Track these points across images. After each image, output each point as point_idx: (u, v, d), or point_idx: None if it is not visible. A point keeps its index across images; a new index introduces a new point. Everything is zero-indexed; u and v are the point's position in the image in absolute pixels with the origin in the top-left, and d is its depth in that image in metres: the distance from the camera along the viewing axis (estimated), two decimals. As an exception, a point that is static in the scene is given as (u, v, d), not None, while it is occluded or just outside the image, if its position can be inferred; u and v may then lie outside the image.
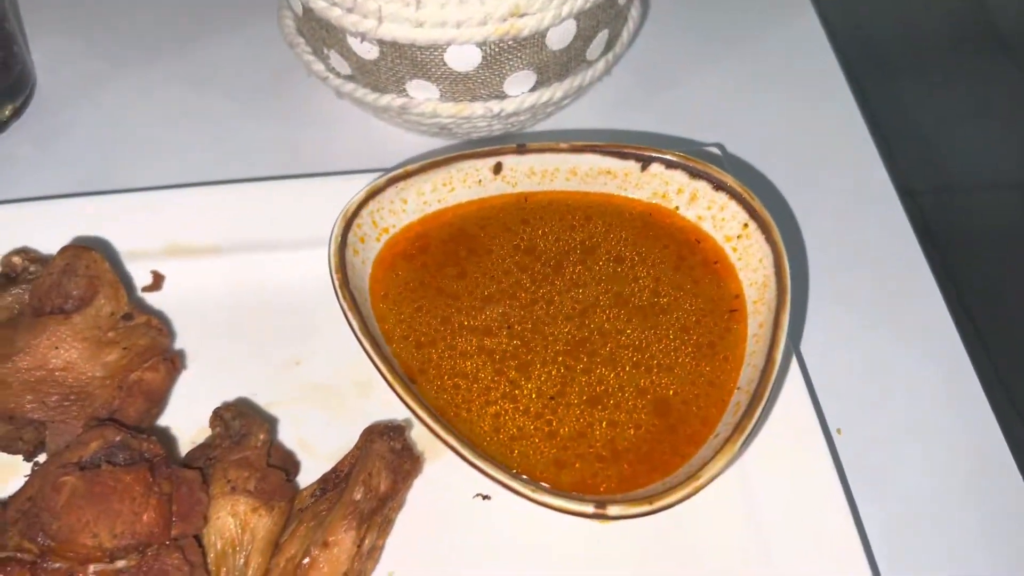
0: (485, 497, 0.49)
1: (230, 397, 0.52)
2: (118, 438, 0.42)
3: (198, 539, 0.43)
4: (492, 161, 0.52)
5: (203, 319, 0.54)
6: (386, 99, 0.59)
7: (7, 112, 0.64)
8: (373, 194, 0.50)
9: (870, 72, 0.74)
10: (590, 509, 0.40)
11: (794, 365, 0.49)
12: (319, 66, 0.61)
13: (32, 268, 0.52)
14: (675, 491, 0.40)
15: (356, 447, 0.48)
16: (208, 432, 0.49)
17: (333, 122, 0.66)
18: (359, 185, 0.51)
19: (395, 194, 0.51)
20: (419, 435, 0.49)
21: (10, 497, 0.43)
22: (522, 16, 0.53)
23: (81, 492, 0.39)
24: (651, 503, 0.40)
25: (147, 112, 0.67)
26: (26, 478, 0.43)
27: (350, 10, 0.53)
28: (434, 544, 0.47)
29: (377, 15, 0.52)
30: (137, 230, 0.56)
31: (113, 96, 0.68)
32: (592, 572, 0.46)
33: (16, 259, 0.52)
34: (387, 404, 0.51)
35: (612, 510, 0.40)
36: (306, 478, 0.49)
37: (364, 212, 0.49)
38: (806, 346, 0.55)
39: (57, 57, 0.69)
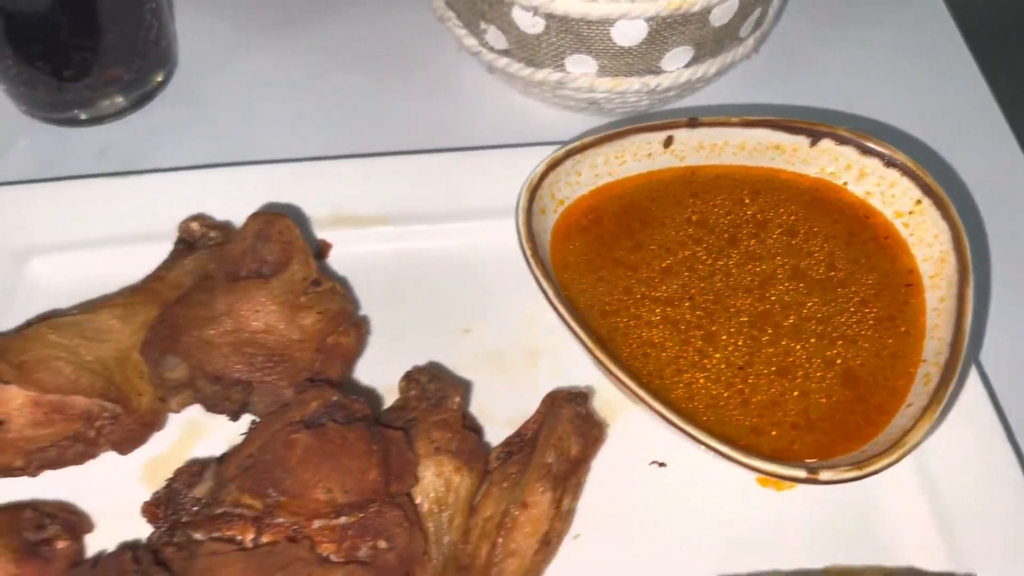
0: (661, 464, 0.50)
1: (402, 363, 0.52)
2: (335, 398, 0.43)
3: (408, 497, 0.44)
4: (664, 135, 0.53)
5: (369, 287, 0.55)
6: (542, 74, 0.59)
7: (158, 79, 0.65)
8: (553, 166, 0.50)
9: (994, 44, 0.75)
10: (802, 474, 0.41)
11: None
12: (471, 40, 0.61)
13: (212, 234, 0.53)
14: (882, 457, 0.41)
15: (538, 412, 0.49)
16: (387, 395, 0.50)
17: (474, 97, 0.67)
18: (523, 158, 0.53)
19: (572, 166, 0.51)
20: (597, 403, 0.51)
21: (227, 455, 0.44)
22: (695, -12, 0.53)
23: (314, 449, 0.40)
24: (860, 468, 0.41)
25: (286, 83, 0.68)
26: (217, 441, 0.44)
27: (521, -18, 0.54)
28: (614, 508, 0.48)
29: (549, -13, 0.53)
30: (305, 199, 0.56)
31: (254, 67, 0.69)
32: (760, 537, 0.47)
33: (194, 225, 0.53)
34: (557, 372, 0.53)
35: (824, 475, 0.41)
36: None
37: (545, 183, 0.50)
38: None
39: (201, 30, 0.70)
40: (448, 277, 0.56)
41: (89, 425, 0.45)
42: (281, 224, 0.49)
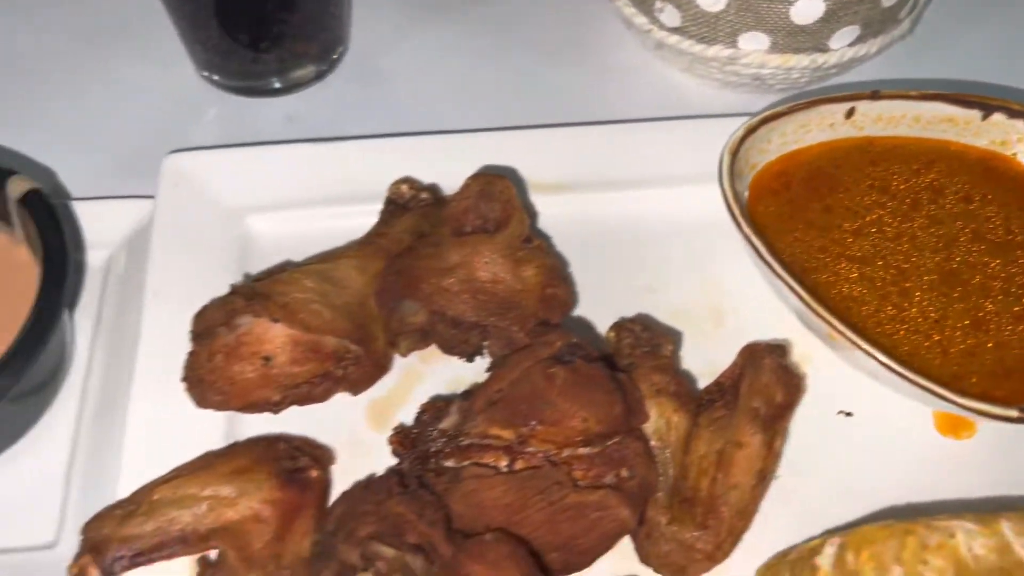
0: (848, 414, 0.53)
1: (598, 319, 0.56)
2: (575, 340, 0.47)
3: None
4: (847, 106, 0.56)
5: (557, 251, 0.59)
6: (713, 50, 0.63)
7: (335, 55, 0.69)
8: (750, 131, 0.54)
9: None
10: (1015, 414, 0.45)
11: None
12: (641, 19, 0.65)
13: (423, 196, 0.57)
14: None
15: (735, 364, 0.52)
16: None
17: (635, 75, 0.70)
18: (698, 130, 0.57)
19: (764, 133, 0.55)
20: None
21: (471, 392, 0.48)
22: (875, -31, 0.57)
23: (571, 381, 0.44)
24: (1068, 411, 0.44)
25: (454, 62, 0.71)
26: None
27: (711, -39, 0.57)
28: (807, 454, 0.52)
29: (741, -34, 0.57)
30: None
31: (423, 46, 0.72)
32: (939, 482, 0.50)
33: (404, 187, 0.57)
34: (741, 330, 0.56)
35: (1035, 414, 0.44)
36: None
37: (741, 149, 0.54)
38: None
39: (373, 6, 0.73)
40: (629, 242, 0.59)
41: (337, 364, 0.49)
42: (501, 184, 0.52)
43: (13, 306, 0.50)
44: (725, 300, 0.58)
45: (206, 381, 0.47)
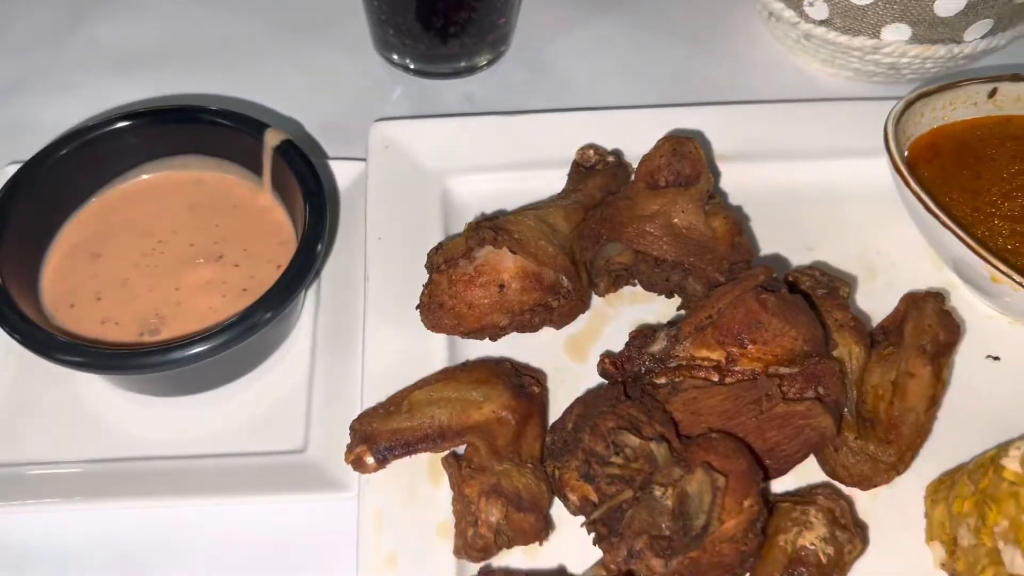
0: (995, 358, 0.59)
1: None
2: (774, 274, 0.53)
3: (827, 360, 0.54)
4: (990, 87, 0.63)
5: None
6: (858, 41, 0.70)
7: (506, 44, 0.77)
8: (908, 105, 0.61)
9: None
10: None
11: None
12: (789, 12, 0.72)
13: (609, 159, 0.64)
14: None
15: (896, 310, 0.58)
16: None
17: (772, 65, 0.77)
18: (855, 111, 0.64)
19: (920, 107, 0.62)
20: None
21: (678, 320, 0.54)
22: (1017, -33, 0.64)
23: (782, 305, 0.50)
24: None
25: (609, 50, 0.78)
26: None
27: (869, -40, 0.65)
28: (960, 392, 0.58)
29: (897, -36, 0.64)
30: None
31: (582, 36, 0.80)
32: None
33: (591, 152, 0.64)
34: (891, 285, 0.62)
35: None
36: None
37: (900, 120, 0.60)
38: None
39: (533, 3, 0.81)
40: (787, 207, 0.66)
41: (553, 295, 0.56)
42: (691, 144, 0.59)
43: (258, 242, 0.57)
44: (877, 259, 0.64)
45: (446, 306, 0.54)
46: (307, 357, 0.58)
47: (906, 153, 0.62)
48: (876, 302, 0.61)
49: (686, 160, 0.59)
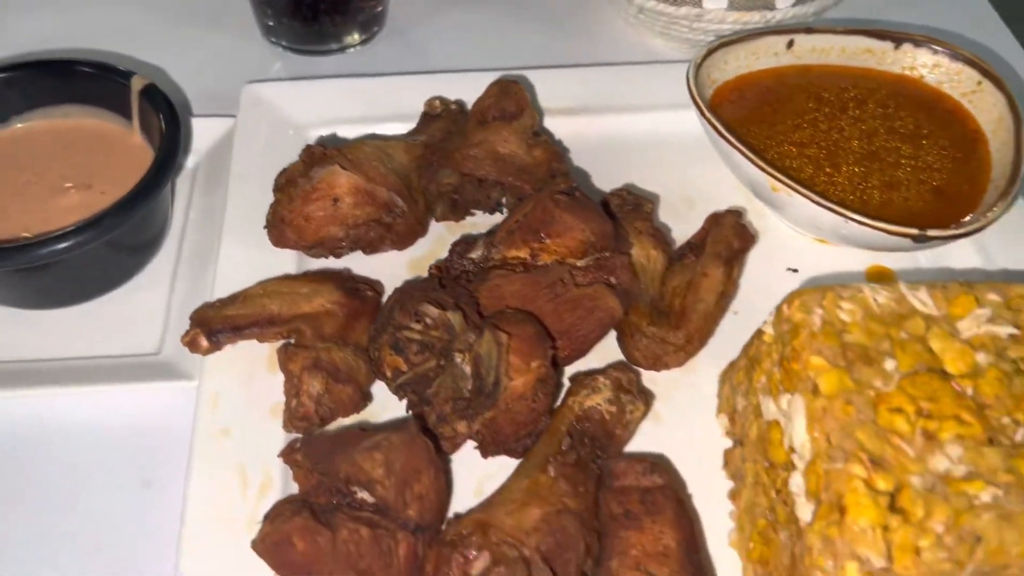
0: (794, 270, 0.66)
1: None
2: (574, 184, 0.60)
3: (625, 259, 0.60)
4: (787, 38, 0.71)
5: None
6: (683, 10, 0.78)
7: (377, 26, 0.85)
8: (710, 52, 0.69)
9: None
10: (915, 231, 0.58)
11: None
12: (625, -10, 0.81)
13: (452, 107, 0.71)
14: (971, 223, 0.58)
15: (702, 229, 0.66)
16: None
17: (616, 42, 0.86)
18: (674, 70, 0.71)
19: (723, 55, 0.70)
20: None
21: (493, 229, 0.61)
22: (806, -62, 0.73)
23: (573, 204, 0.57)
24: (956, 229, 0.58)
25: (473, 31, 0.87)
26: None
27: (678, -67, 0.74)
28: (760, 298, 0.64)
29: (701, -65, 0.73)
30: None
31: (449, 20, 0.88)
32: None
33: (436, 102, 0.71)
34: (705, 212, 0.69)
35: (931, 232, 0.58)
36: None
37: (704, 64, 0.68)
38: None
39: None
40: (616, 152, 0.73)
41: (387, 213, 0.62)
42: (516, 86, 0.67)
43: (127, 174, 0.63)
44: (695, 194, 0.71)
45: (286, 220, 0.61)
46: (168, 278, 0.64)
47: (711, 92, 0.69)
48: (695, 228, 0.68)
49: (510, 98, 0.67)
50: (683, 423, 0.58)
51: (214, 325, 0.55)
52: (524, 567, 0.44)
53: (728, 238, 0.63)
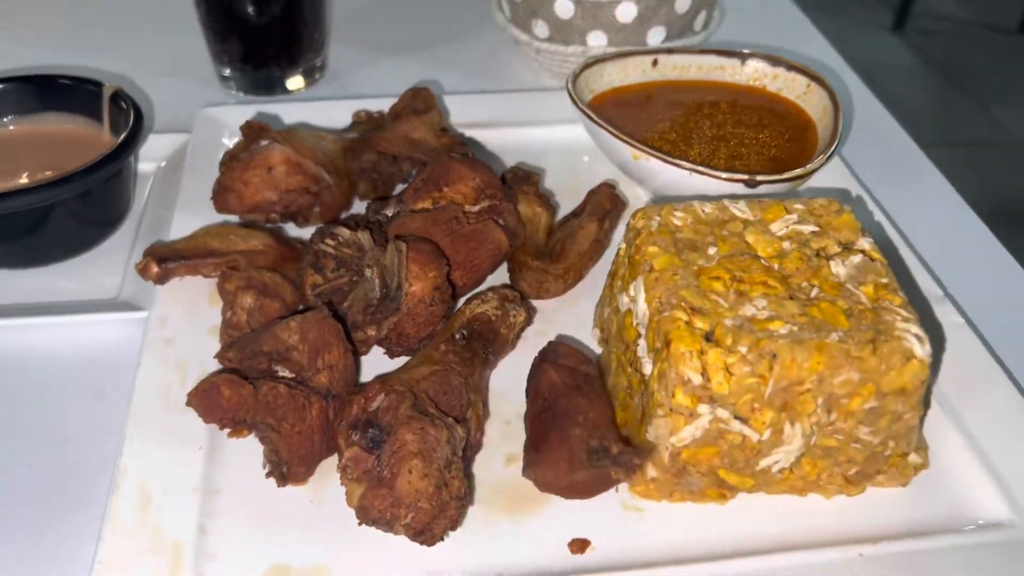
0: (664, 234, 0.79)
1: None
2: (468, 151, 0.73)
3: (513, 211, 0.72)
4: (652, 58, 0.87)
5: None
6: (571, 48, 0.94)
7: (318, 74, 1.00)
8: (587, 66, 0.84)
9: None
10: (745, 177, 0.71)
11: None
12: (524, 36, 0.97)
13: (375, 115, 0.85)
14: (798, 172, 0.71)
15: (584, 200, 0.78)
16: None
17: (519, 81, 1.02)
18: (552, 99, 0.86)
19: (598, 70, 0.85)
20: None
21: (404, 189, 0.73)
22: (664, -16, 0.90)
23: (465, 159, 0.70)
24: (785, 176, 0.71)
25: (403, 76, 1.02)
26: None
27: (561, -18, 0.90)
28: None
29: (579, -17, 0.90)
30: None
31: (381, 68, 1.03)
32: None
33: (362, 113, 0.85)
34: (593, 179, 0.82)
35: (760, 178, 0.71)
36: (552, 222, 0.79)
37: (582, 76, 0.83)
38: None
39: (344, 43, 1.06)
40: (512, 153, 0.87)
41: (314, 183, 0.74)
42: (425, 90, 0.81)
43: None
44: (584, 185, 0.84)
45: (227, 187, 0.72)
46: (128, 246, 0.75)
47: (589, 99, 0.84)
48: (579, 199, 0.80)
49: (420, 99, 0.81)
50: (564, 338, 0.68)
51: (163, 254, 0.66)
52: (412, 397, 0.53)
53: (603, 202, 0.76)
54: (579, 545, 0.55)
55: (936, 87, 3.93)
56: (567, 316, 0.71)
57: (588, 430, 0.53)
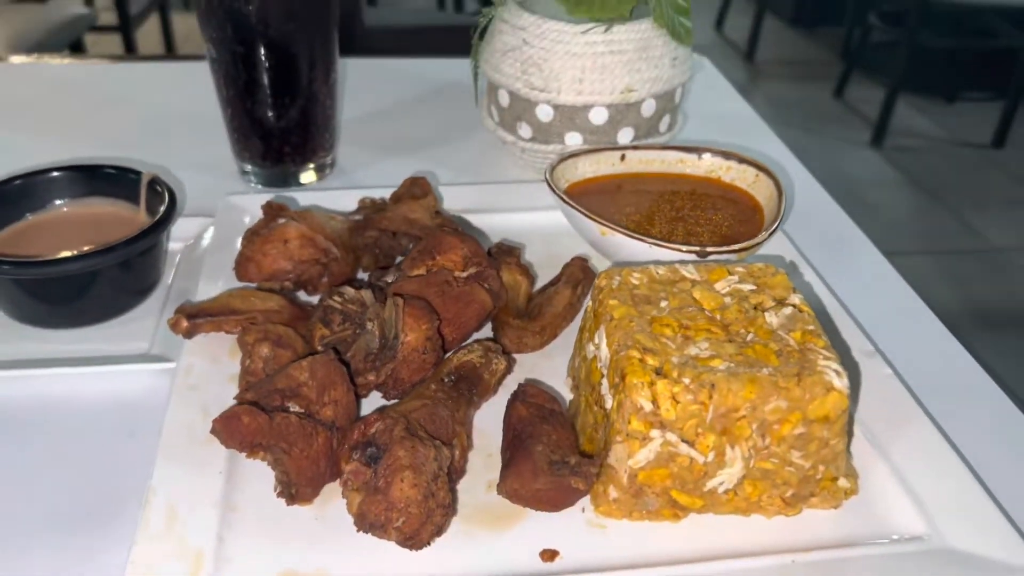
0: (631, 302, 0.89)
1: (482, 266, 0.94)
2: (457, 227, 0.84)
3: (497, 278, 0.83)
4: (620, 153, 1.00)
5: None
6: (551, 147, 1.07)
7: (328, 170, 1.13)
8: (562, 160, 0.96)
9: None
10: (697, 248, 0.82)
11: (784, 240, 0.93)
12: (510, 137, 1.10)
13: (379, 201, 0.97)
14: (744, 245, 0.82)
15: (560, 272, 0.89)
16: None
17: (504, 173, 1.14)
18: (533, 188, 0.99)
19: (572, 163, 0.97)
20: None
21: (403, 259, 0.84)
22: (632, 91, 1.04)
23: (455, 233, 0.81)
24: (732, 247, 0.82)
25: (403, 174, 1.15)
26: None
27: (542, 90, 1.04)
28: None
29: (557, 90, 1.03)
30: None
31: (386, 165, 1.16)
32: None
33: (367, 199, 0.97)
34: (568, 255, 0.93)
35: (710, 249, 0.82)
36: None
37: (559, 167, 0.96)
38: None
39: (352, 144, 1.19)
40: (499, 233, 0.99)
41: (324, 255, 0.85)
42: (422, 179, 0.93)
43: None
44: (554, 261, 0.96)
45: (248, 257, 0.83)
46: (158, 312, 0.86)
47: (564, 187, 0.96)
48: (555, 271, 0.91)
49: (418, 185, 0.93)
50: (540, 384, 0.78)
51: (192, 312, 0.76)
52: (405, 422, 0.63)
53: (576, 273, 0.87)
54: (549, 555, 0.63)
55: (913, 198, 4.13)
56: (543, 367, 0.80)
57: (550, 447, 0.62)
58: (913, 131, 4.93)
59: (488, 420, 0.73)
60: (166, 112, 1.29)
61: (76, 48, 3.60)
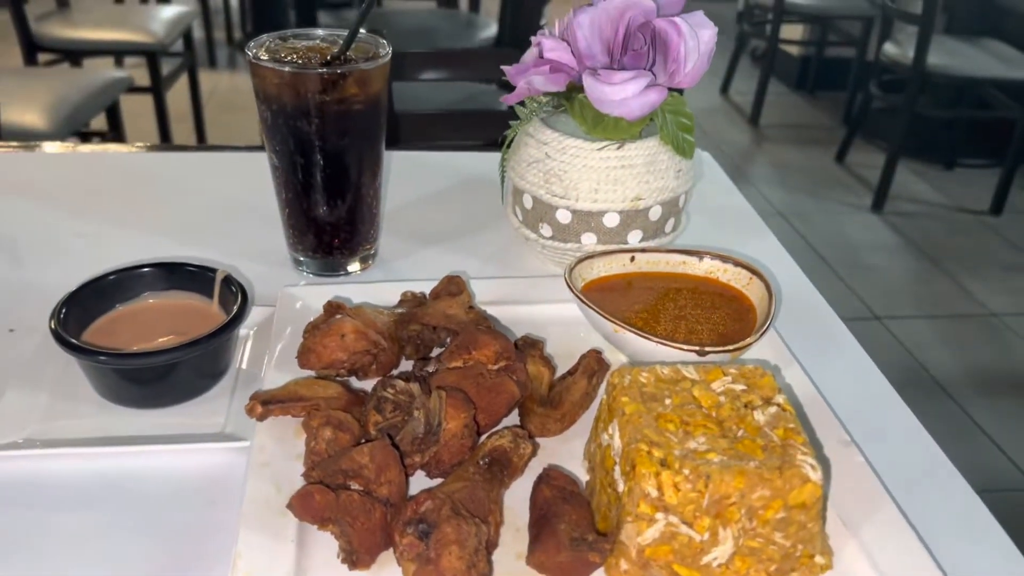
0: (639, 390, 1.02)
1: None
2: (490, 325, 0.98)
3: (523, 371, 0.96)
4: (630, 255, 1.13)
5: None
6: (569, 245, 1.21)
7: (371, 260, 1.27)
8: (580, 261, 1.10)
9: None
10: (697, 347, 0.95)
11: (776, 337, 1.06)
12: (532, 235, 1.24)
13: (418, 294, 1.10)
14: (738, 344, 0.96)
15: (576, 363, 1.02)
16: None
17: (527, 268, 1.28)
18: (553, 284, 1.13)
19: (588, 263, 1.11)
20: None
21: (441, 352, 0.97)
22: (640, 200, 1.18)
23: (488, 330, 0.94)
24: (727, 347, 0.95)
25: (440, 262, 1.29)
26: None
27: (562, 197, 1.18)
28: (618, 405, 1.00)
29: (576, 198, 1.18)
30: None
31: (421, 254, 1.30)
32: None
33: (408, 293, 1.11)
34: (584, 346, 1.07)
35: (708, 349, 0.95)
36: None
37: (576, 268, 1.09)
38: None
39: (393, 234, 1.33)
40: (523, 325, 1.12)
41: (374, 347, 0.98)
42: (458, 277, 1.07)
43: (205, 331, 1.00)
44: (571, 351, 1.09)
45: (310, 348, 0.97)
46: (229, 394, 0.99)
47: (581, 286, 1.10)
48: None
49: (454, 283, 1.07)
50: (559, 466, 0.91)
51: (264, 398, 0.89)
52: (450, 503, 0.75)
53: (591, 364, 1.00)
54: (569, 616, 0.75)
55: (913, 262, 4.26)
56: (563, 451, 0.93)
57: (571, 526, 0.75)
58: (913, 196, 5.09)
59: (516, 498, 0.86)
60: (229, 210, 1.43)
61: (112, 111, 3.78)
